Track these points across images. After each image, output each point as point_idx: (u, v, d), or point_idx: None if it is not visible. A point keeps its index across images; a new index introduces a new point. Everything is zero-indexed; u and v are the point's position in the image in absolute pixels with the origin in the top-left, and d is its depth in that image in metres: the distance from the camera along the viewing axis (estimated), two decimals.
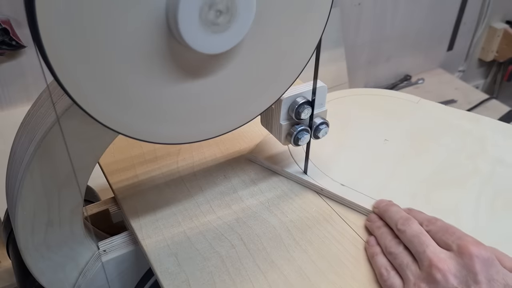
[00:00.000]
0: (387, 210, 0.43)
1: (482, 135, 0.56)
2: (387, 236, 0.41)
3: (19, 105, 1.03)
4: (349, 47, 1.50)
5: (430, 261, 0.35)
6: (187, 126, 0.36)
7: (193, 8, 0.28)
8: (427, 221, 0.40)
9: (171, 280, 0.40)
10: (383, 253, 0.40)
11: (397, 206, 0.43)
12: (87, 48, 0.27)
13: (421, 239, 0.37)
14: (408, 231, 0.39)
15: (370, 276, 0.40)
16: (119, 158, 0.54)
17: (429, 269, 0.35)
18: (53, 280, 0.43)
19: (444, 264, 0.34)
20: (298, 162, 0.51)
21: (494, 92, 1.96)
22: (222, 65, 0.34)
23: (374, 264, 0.40)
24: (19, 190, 0.36)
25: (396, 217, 0.41)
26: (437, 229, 0.38)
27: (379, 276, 0.39)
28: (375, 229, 0.42)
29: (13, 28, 0.94)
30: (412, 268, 0.37)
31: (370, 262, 0.41)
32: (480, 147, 0.54)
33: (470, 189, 0.48)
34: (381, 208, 0.44)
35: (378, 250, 0.40)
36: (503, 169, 0.50)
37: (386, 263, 0.39)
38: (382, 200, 0.45)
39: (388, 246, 0.40)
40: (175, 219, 0.46)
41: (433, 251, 0.36)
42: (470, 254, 0.34)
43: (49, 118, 0.34)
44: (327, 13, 0.36)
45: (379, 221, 0.43)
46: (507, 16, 1.86)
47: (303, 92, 0.44)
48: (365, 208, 0.45)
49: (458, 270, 0.34)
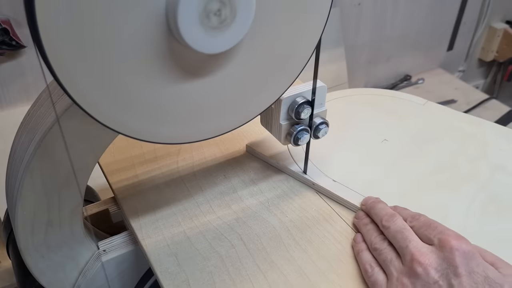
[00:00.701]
0: (373, 207, 0.43)
1: (485, 139, 0.55)
2: (372, 233, 0.41)
3: (19, 105, 1.03)
4: (349, 47, 1.50)
5: (412, 256, 0.35)
6: (187, 126, 0.36)
7: (193, 8, 0.28)
8: (411, 217, 0.40)
9: (171, 280, 0.40)
10: (368, 249, 0.40)
11: (384, 203, 0.43)
12: (87, 48, 0.27)
13: (404, 234, 0.38)
14: (392, 227, 0.39)
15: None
16: (119, 158, 0.54)
17: (411, 263, 0.35)
18: (53, 280, 0.43)
19: (425, 258, 0.35)
20: (297, 162, 0.51)
21: (494, 92, 1.96)
22: (221, 65, 0.34)
23: (360, 261, 0.40)
24: (19, 190, 0.36)
25: (382, 213, 0.41)
26: (420, 225, 0.39)
27: (363, 272, 0.39)
28: (362, 226, 0.43)
29: (13, 28, 0.94)
30: (395, 264, 0.37)
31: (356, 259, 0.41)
32: (481, 151, 0.53)
33: (464, 192, 0.48)
34: (368, 205, 0.44)
35: (364, 246, 0.41)
36: (503, 176, 0.50)
37: (371, 259, 0.39)
38: (370, 197, 0.45)
39: (373, 242, 0.40)
40: (175, 219, 0.46)
41: (415, 245, 0.36)
42: (451, 247, 0.34)
43: (49, 118, 0.34)
44: (327, 13, 0.36)
45: (366, 218, 0.43)
46: (507, 16, 1.86)
47: (303, 92, 0.44)
48: (353, 205, 0.46)
49: (439, 264, 0.34)
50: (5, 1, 0.92)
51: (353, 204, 0.46)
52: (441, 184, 0.49)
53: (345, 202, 0.46)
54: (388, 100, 0.63)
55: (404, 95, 0.64)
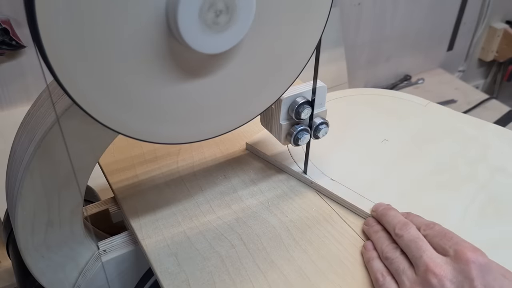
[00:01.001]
0: (385, 214, 0.42)
1: (487, 142, 0.55)
2: (384, 241, 0.40)
3: (19, 105, 1.03)
4: (349, 47, 1.50)
5: (426, 266, 0.35)
6: (187, 126, 0.36)
7: (193, 8, 0.28)
8: (425, 226, 0.39)
9: (171, 280, 0.40)
10: (379, 258, 0.40)
11: (395, 210, 0.43)
12: (87, 48, 0.27)
13: (418, 244, 0.37)
14: (405, 236, 0.38)
15: (370, 276, 0.40)
16: (119, 158, 0.54)
17: (425, 274, 0.35)
18: (53, 280, 0.43)
19: (440, 269, 0.34)
20: (297, 162, 0.51)
21: (494, 92, 1.96)
22: (221, 65, 0.34)
23: (370, 269, 0.39)
24: (19, 190, 0.36)
25: (394, 221, 0.40)
26: (435, 234, 0.38)
27: (374, 281, 0.38)
28: (372, 233, 0.42)
29: (13, 28, 0.94)
30: (408, 274, 0.36)
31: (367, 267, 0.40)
32: (482, 153, 0.53)
33: (463, 193, 0.48)
34: (379, 212, 0.43)
35: (374, 254, 0.40)
36: (503, 178, 0.50)
37: (382, 268, 0.39)
38: (381, 204, 0.44)
39: (385, 251, 0.39)
40: (175, 219, 0.46)
41: (430, 256, 0.36)
42: (467, 259, 0.34)
43: (49, 118, 0.34)
44: (327, 13, 0.36)
45: (376, 225, 0.43)
46: (507, 16, 1.86)
47: (303, 92, 0.44)
48: (353, 205, 0.46)
49: (454, 276, 0.34)
50: (5, 1, 0.92)
51: (352, 204, 0.46)
52: (440, 185, 0.49)
53: (344, 202, 0.46)
54: (388, 100, 0.63)
55: (404, 95, 0.64)
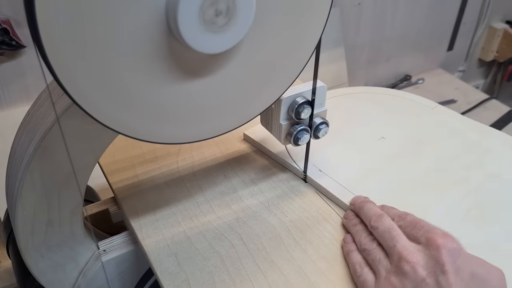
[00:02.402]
0: (362, 207, 0.43)
1: (489, 148, 0.54)
2: (362, 234, 0.41)
3: (19, 105, 1.03)
4: (349, 47, 1.50)
5: (399, 255, 0.36)
6: (187, 126, 0.36)
7: (193, 8, 0.28)
8: (398, 217, 0.40)
9: (171, 280, 0.40)
10: (358, 250, 0.41)
11: (372, 203, 0.44)
12: (87, 48, 0.27)
13: (392, 234, 0.38)
14: (380, 227, 0.39)
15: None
16: (119, 158, 0.54)
17: (399, 262, 0.35)
18: (53, 280, 0.43)
19: (413, 256, 0.35)
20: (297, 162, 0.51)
21: (494, 92, 1.96)
22: (221, 65, 0.34)
23: (349, 261, 0.40)
24: (19, 190, 0.36)
25: (370, 214, 0.41)
26: (407, 224, 0.39)
27: (353, 272, 0.39)
28: (351, 226, 0.43)
29: (13, 28, 0.94)
30: (384, 263, 0.37)
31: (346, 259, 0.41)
32: (480, 159, 0.52)
33: (450, 195, 0.48)
34: (356, 205, 0.44)
35: (353, 247, 0.41)
36: (496, 184, 0.49)
37: (360, 259, 0.40)
38: (359, 197, 0.45)
39: (363, 243, 0.40)
40: (175, 219, 0.46)
41: (403, 244, 0.37)
42: (437, 245, 0.35)
43: (49, 118, 0.34)
44: (326, 13, 0.37)
45: (355, 218, 0.44)
46: (507, 16, 1.86)
47: (303, 92, 0.44)
48: (335, 196, 0.46)
49: (426, 262, 0.35)
50: (5, 1, 0.92)
51: (347, 204, 0.46)
52: (429, 185, 0.49)
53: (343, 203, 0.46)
54: (398, 100, 0.63)
55: (412, 96, 0.64)
